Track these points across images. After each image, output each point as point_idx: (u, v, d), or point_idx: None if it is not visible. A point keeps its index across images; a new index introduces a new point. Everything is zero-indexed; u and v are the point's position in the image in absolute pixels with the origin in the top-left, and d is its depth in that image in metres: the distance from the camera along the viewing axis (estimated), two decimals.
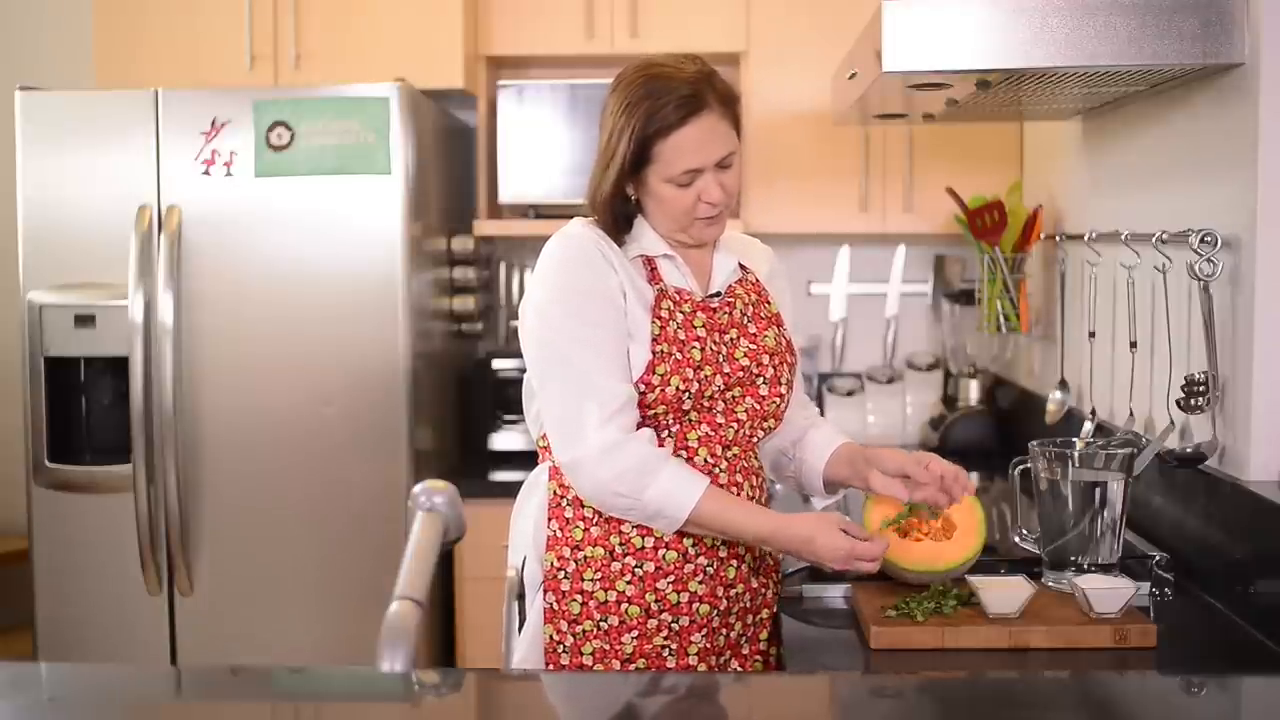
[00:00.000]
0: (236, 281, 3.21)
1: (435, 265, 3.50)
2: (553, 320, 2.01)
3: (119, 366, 3.20)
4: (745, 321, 2.11)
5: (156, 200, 3.21)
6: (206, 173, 3.20)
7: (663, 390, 1.99)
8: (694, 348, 2.02)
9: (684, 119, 1.97)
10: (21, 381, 3.27)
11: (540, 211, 3.75)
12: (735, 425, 2.07)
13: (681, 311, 2.04)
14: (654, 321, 2.01)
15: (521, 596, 2.08)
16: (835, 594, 2.16)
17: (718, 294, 2.12)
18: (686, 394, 2.00)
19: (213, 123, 3.20)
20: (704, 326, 2.05)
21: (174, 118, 3.21)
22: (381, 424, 3.22)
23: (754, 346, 2.09)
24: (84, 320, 3.23)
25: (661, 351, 1.99)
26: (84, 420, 3.34)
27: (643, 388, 1.98)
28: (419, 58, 3.51)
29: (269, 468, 3.24)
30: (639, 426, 1.99)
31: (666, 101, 1.97)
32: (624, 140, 1.98)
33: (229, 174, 3.20)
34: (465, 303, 3.65)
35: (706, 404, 2.04)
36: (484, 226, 3.76)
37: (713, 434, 2.05)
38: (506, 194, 3.69)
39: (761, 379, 2.09)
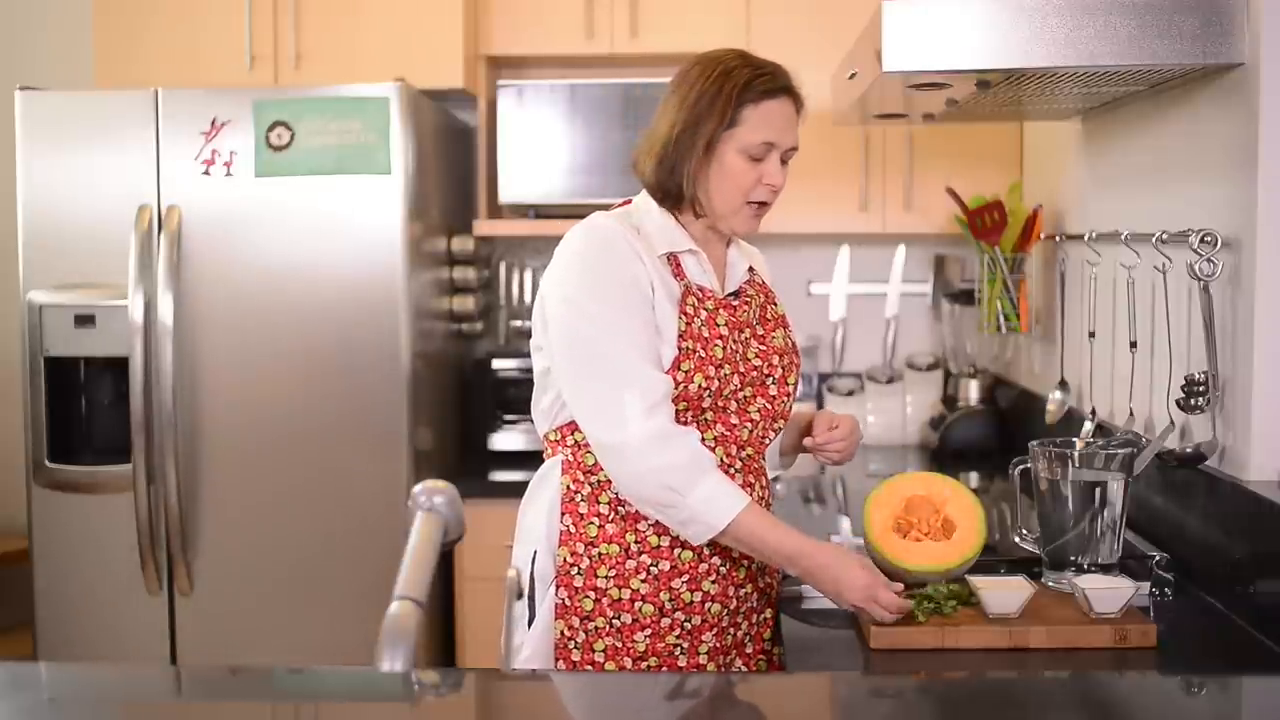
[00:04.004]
0: (236, 281, 3.21)
1: (435, 265, 3.50)
2: (586, 309, 1.98)
3: (119, 366, 3.20)
4: (755, 322, 2.13)
5: (156, 200, 3.21)
6: (206, 173, 3.20)
7: (685, 387, 1.98)
8: (716, 345, 2.02)
9: (778, 92, 2.03)
10: (21, 381, 3.27)
11: (540, 211, 3.75)
12: (749, 425, 2.07)
13: (705, 309, 2.04)
14: (680, 317, 2.00)
15: (523, 594, 2.07)
16: None
17: (735, 293, 2.12)
18: (707, 392, 2.00)
19: (213, 123, 3.20)
20: (726, 324, 2.05)
21: (174, 118, 3.21)
22: (381, 424, 3.22)
23: (764, 347, 2.10)
24: (84, 320, 3.23)
25: (687, 348, 1.99)
26: (84, 420, 3.34)
27: None
28: (419, 58, 3.51)
29: (269, 468, 3.24)
30: None
31: (766, 72, 2.03)
32: (718, 100, 1.99)
33: (229, 174, 3.20)
34: (465, 303, 3.65)
35: (722, 403, 2.04)
36: (484, 226, 3.76)
37: (728, 434, 2.05)
38: (506, 194, 3.69)
39: (771, 379, 2.10)
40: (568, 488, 2.06)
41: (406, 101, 3.19)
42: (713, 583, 2.04)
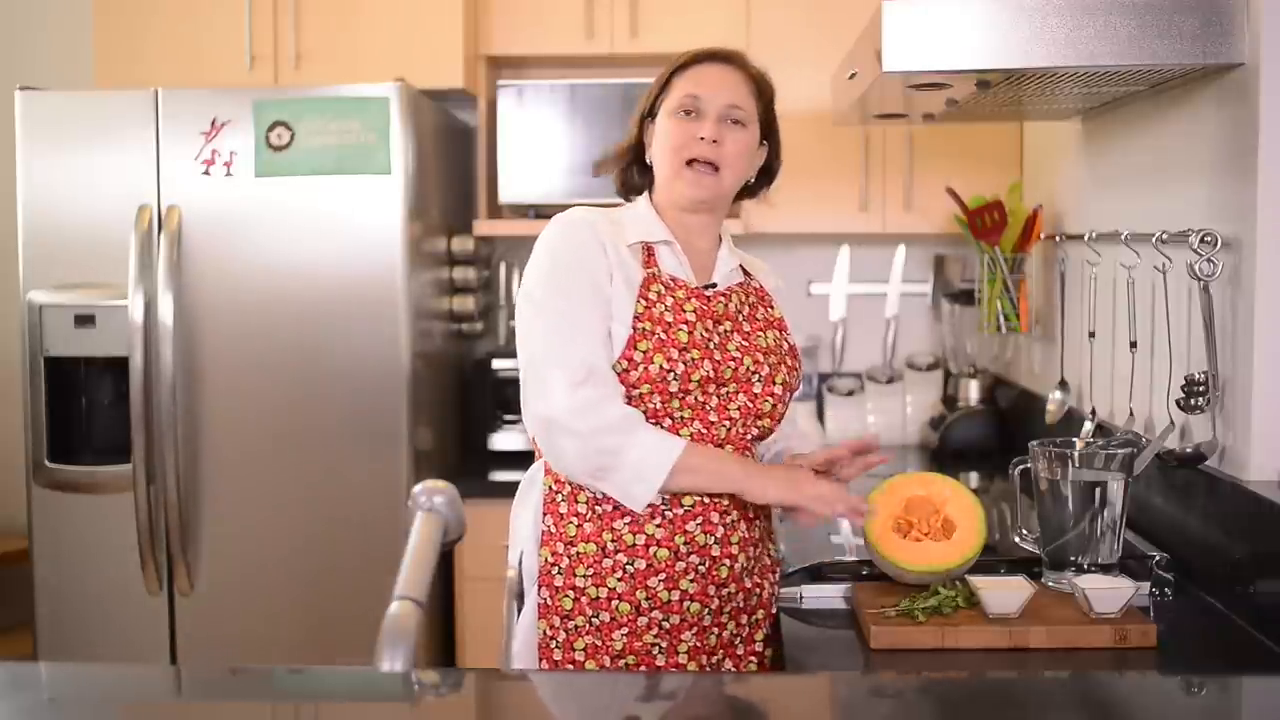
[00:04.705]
0: (236, 281, 3.21)
1: (435, 265, 3.50)
2: (533, 296, 2.06)
3: (119, 366, 3.20)
4: (740, 319, 2.12)
5: (156, 200, 3.21)
6: (206, 173, 3.20)
7: (645, 369, 1.99)
8: (681, 330, 2.03)
9: (702, 60, 2.14)
10: (21, 381, 3.27)
11: (540, 211, 3.75)
12: (728, 423, 2.07)
13: (673, 296, 2.06)
14: (639, 301, 2.03)
15: (521, 594, 2.08)
16: (835, 594, 2.16)
17: (713, 285, 2.13)
18: (672, 374, 2.00)
19: (213, 123, 3.20)
20: (694, 313, 2.06)
21: (174, 118, 3.21)
22: (381, 424, 3.22)
23: (747, 344, 2.10)
24: (84, 320, 3.23)
25: (643, 329, 2.01)
26: (84, 420, 3.34)
27: (625, 364, 2.00)
28: (419, 58, 3.52)
29: (269, 468, 3.24)
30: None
31: (694, 51, 2.17)
32: (656, 80, 2.17)
33: (229, 174, 3.20)
34: (465, 303, 3.65)
35: (703, 399, 2.04)
36: (484, 226, 3.76)
37: (705, 431, 2.05)
38: (506, 194, 3.69)
39: (756, 376, 2.09)
40: (549, 489, 2.08)
41: (406, 101, 3.19)
42: (691, 581, 2.04)
